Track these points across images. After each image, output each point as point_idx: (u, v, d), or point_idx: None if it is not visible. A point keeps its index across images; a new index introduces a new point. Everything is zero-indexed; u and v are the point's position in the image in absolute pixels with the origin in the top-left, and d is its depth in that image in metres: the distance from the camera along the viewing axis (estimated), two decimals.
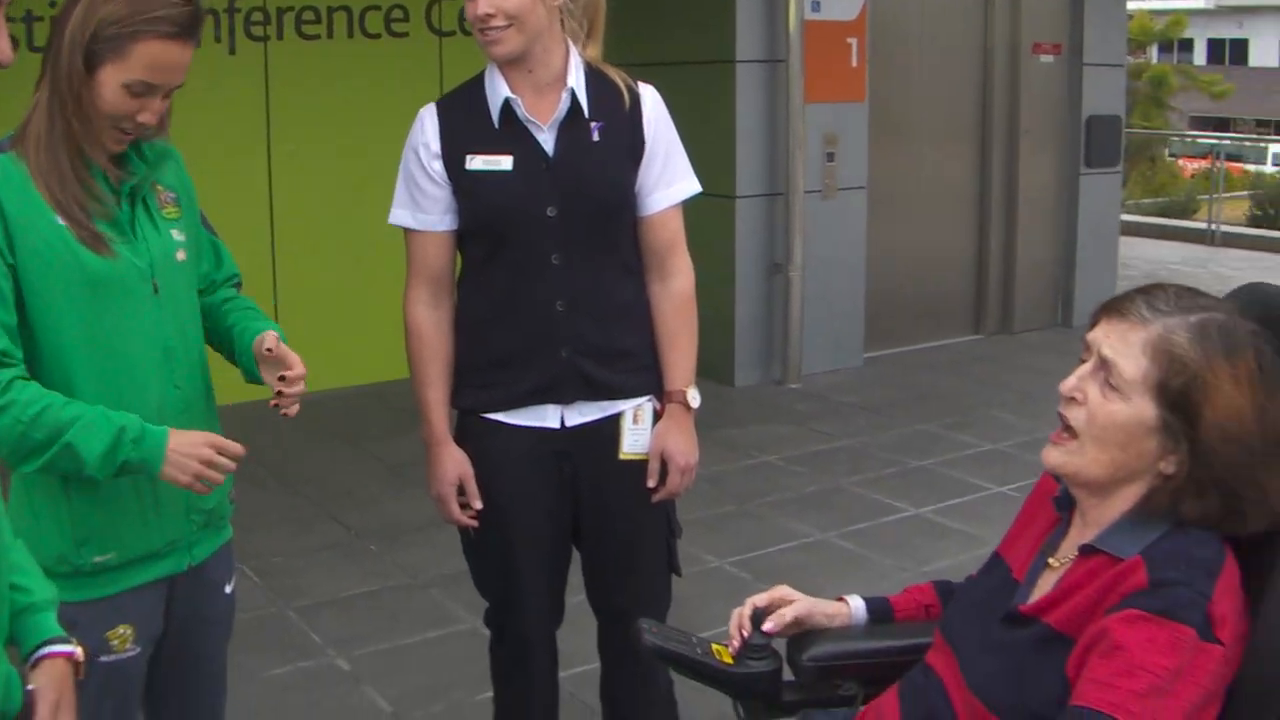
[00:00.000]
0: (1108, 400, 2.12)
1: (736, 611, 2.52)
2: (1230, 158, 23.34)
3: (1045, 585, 2.22)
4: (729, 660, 2.47)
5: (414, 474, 6.31)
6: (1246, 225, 18.43)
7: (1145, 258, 14.21)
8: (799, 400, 8.68)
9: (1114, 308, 2.17)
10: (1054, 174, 10.83)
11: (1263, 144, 37.05)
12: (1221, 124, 41.33)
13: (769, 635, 2.48)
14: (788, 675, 2.52)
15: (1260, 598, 2.07)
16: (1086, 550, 2.15)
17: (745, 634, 2.48)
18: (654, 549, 3.36)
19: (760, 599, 2.52)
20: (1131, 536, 2.10)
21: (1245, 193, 20.77)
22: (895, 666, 2.45)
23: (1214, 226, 16.80)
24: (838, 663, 2.51)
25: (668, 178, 3.22)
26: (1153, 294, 2.16)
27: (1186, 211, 19.81)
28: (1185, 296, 2.15)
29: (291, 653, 4.86)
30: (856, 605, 2.58)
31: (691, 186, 3.29)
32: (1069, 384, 2.19)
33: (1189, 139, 31.10)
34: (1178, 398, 2.06)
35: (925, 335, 10.28)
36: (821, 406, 8.50)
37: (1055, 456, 2.21)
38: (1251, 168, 28.40)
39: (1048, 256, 10.89)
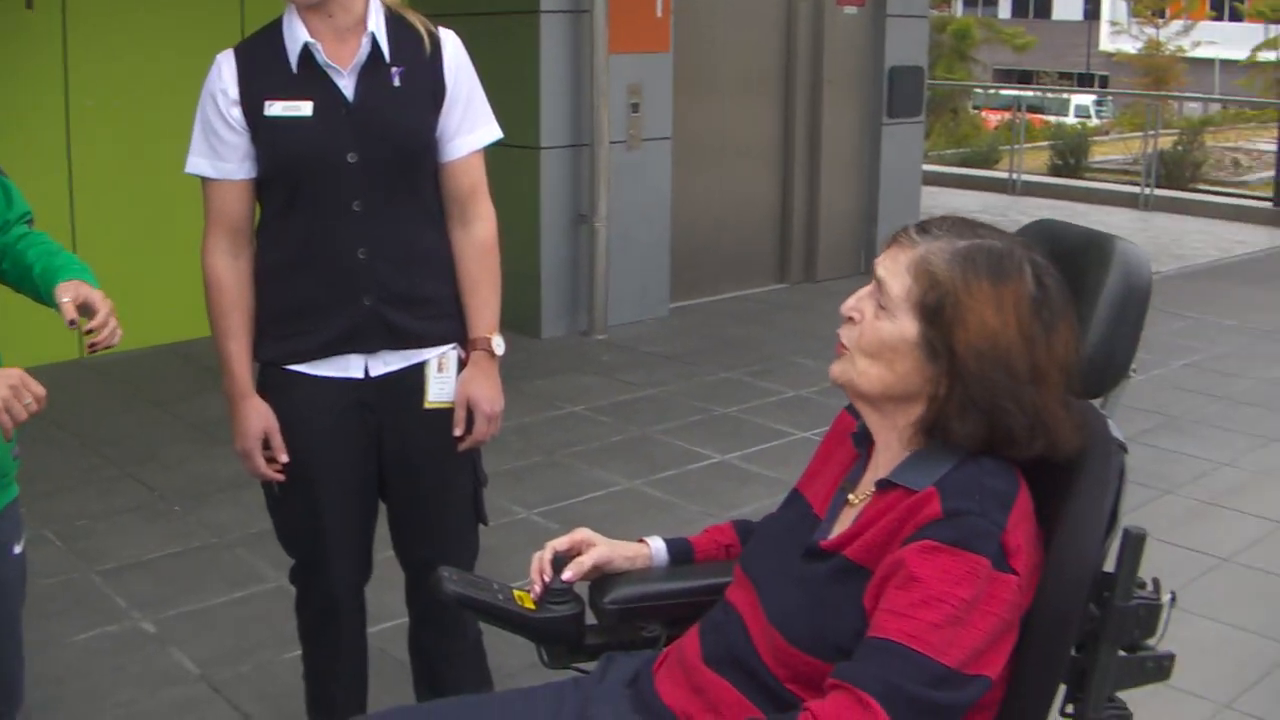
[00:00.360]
0: (878, 318, 2.18)
1: (537, 556, 2.51)
2: (1032, 109, 23.81)
3: (845, 521, 2.25)
4: (531, 606, 2.46)
5: (218, 433, 6.25)
6: (1047, 174, 18.86)
7: (946, 206, 14.42)
8: (605, 351, 8.71)
9: (895, 235, 2.23)
10: (857, 124, 10.98)
11: (1064, 96, 37.94)
12: (1024, 76, 42.22)
13: (570, 581, 2.50)
14: (590, 619, 2.53)
15: (1054, 528, 2.12)
16: (883, 485, 2.18)
17: (546, 579, 2.48)
18: (460, 499, 3.35)
19: (560, 543, 2.52)
20: (925, 469, 2.13)
21: (1046, 143, 21.20)
22: (697, 607, 2.46)
23: (1015, 176, 17.26)
24: (639, 605, 2.52)
25: (469, 124, 3.20)
26: (931, 222, 2.22)
27: (989, 162, 20.24)
28: (961, 225, 2.21)
29: (96, 617, 4.76)
30: (657, 547, 2.60)
31: (493, 132, 3.27)
32: (848, 304, 2.24)
33: (992, 91, 31.70)
34: (933, 315, 2.11)
35: (730, 285, 10.37)
36: (628, 357, 8.55)
37: (835, 367, 2.26)
38: (1053, 119, 29.00)
39: (850, 206, 11.04)
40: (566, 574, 2.47)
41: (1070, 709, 2.22)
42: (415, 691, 3.58)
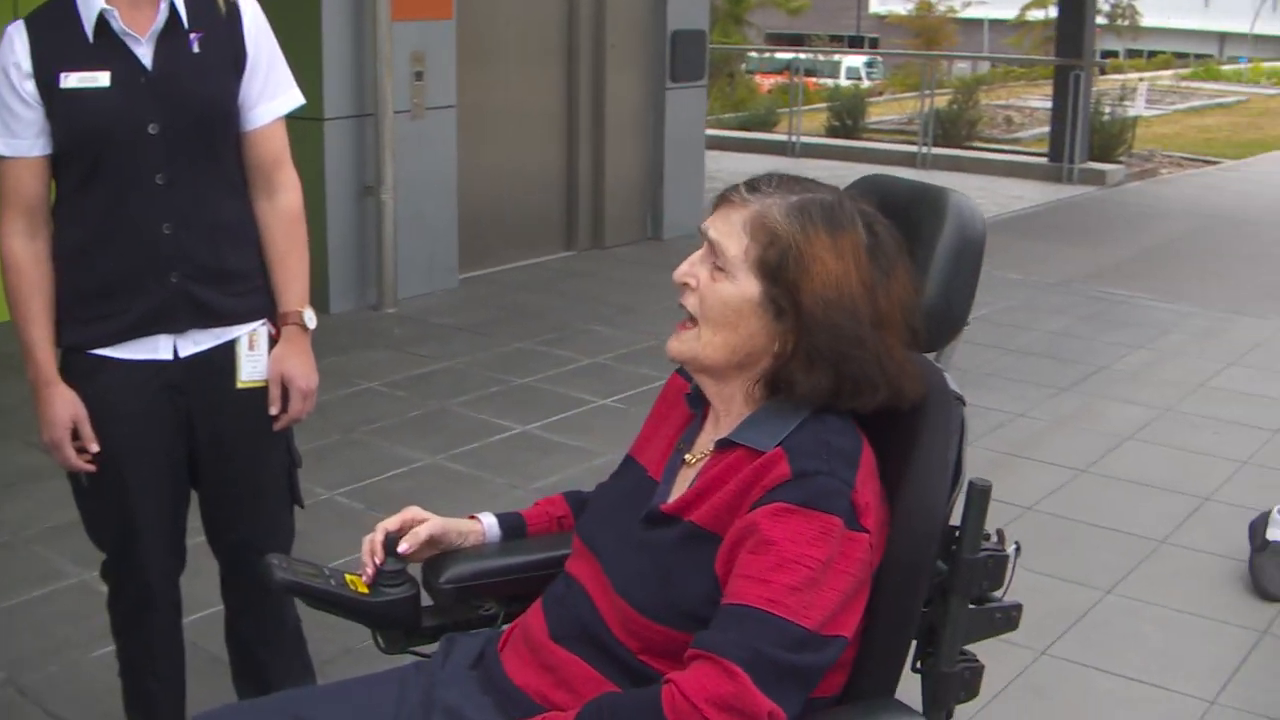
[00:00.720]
0: (716, 281, 2.16)
1: (368, 538, 2.45)
2: (806, 73, 24.17)
3: (683, 483, 2.23)
4: (364, 590, 2.41)
5: (10, 423, 6.05)
6: (826, 136, 19.16)
7: (730, 170, 14.48)
8: (396, 324, 8.61)
9: (724, 196, 2.22)
10: (640, 89, 11.00)
11: (836, 58, 38.56)
12: (796, 40, 42.80)
13: (404, 559, 2.43)
14: (426, 601, 2.48)
15: (898, 483, 2.13)
16: (724, 444, 2.17)
17: (378, 561, 2.42)
18: (275, 480, 3.26)
19: (391, 523, 2.46)
20: (769, 428, 2.12)
21: (823, 105, 21.52)
22: (533, 581, 2.44)
23: (794, 138, 17.57)
24: (475, 583, 2.48)
25: (271, 90, 3.11)
26: (758, 179, 2.21)
27: (767, 125, 20.44)
28: (790, 182, 2.20)
29: None
30: (489, 523, 2.56)
31: (295, 99, 3.19)
32: (681, 270, 2.22)
33: (766, 54, 32.05)
34: (776, 270, 2.11)
35: (519, 254, 10.32)
36: (420, 329, 8.46)
37: (674, 345, 2.23)
38: (828, 81, 29.42)
39: (636, 171, 11.08)
40: (402, 546, 2.43)
41: (921, 665, 2.23)
42: (234, 684, 3.48)
